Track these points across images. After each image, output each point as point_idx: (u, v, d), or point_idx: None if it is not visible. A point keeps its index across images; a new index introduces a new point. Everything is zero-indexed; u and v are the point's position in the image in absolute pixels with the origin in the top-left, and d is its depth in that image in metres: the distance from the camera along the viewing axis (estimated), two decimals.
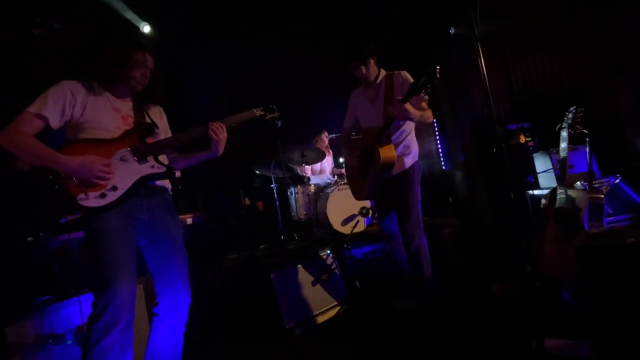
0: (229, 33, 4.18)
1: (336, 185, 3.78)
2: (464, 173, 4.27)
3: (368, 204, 3.53)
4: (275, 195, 4.00)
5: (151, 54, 1.54)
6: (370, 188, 2.20)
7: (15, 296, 1.82)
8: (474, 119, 4.06)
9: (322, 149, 4.30)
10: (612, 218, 2.36)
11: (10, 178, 2.06)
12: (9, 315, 1.65)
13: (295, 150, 3.85)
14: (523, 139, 3.33)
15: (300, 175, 4.35)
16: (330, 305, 2.45)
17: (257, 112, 1.78)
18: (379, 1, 4.01)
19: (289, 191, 4.09)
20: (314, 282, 2.47)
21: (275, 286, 2.27)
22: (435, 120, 4.82)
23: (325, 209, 3.58)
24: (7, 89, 1.28)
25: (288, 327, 2.18)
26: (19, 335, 1.60)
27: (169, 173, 1.52)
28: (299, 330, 2.21)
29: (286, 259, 2.59)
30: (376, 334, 2.10)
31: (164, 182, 1.60)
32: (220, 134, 1.60)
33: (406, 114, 1.87)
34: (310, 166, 4.40)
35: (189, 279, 1.57)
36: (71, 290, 1.86)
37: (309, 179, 4.13)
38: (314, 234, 3.77)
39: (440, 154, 4.88)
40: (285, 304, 2.25)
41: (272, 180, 4.02)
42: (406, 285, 2.30)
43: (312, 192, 3.94)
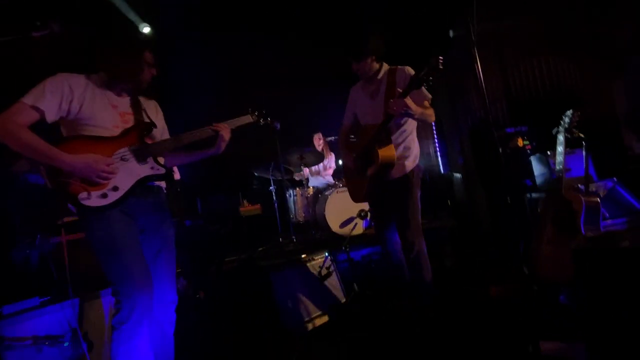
0: (227, 33, 4.19)
1: (335, 187, 3.79)
2: (462, 176, 4.29)
3: (367, 206, 3.53)
4: (274, 197, 4.01)
5: (153, 52, 1.53)
6: (368, 190, 2.12)
7: None
8: (473, 122, 4.08)
9: (319, 150, 4.32)
10: (609, 221, 2.37)
11: (4, 178, 2.06)
12: None
13: (294, 153, 3.86)
14: (521, 142, 3.35)
15: (297, 180, 4.36)
16: (328, 308, 2.45)
17: (252, 117, 1.85)
18: (378, 3, 4.03)
19: (287, 193, 4.10)
20: (313, 284, 2.47)
21: (274, 288, 2.27)
22: (434, 122, 4.83)
23: (324, 211, 3.59)
24: (7, 89, 1.27)
25: (287, 329, 2.18)
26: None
27: (167, 175, 1.52)
28: (297, 332, 2.21)
29: (285, 261, 2.59)
30: (375, 335, 2.10)
31: (160, 182, 1.61)
32: (226, 135, 1.66)
33: (406, 109, 1.77)
34: (308, 168, 4.42)
35: (189, 278, 1.58)
36: (68, 291, 1.86)
37: (307, 180, 4.14)
38: (313, 236, 3.78)
39: (439, 157, 4.89)
40: (284, 305, 2.25)
41: (271, 182, 4.02)
42: (404, 287, 2.26)
43: (311, 195, 3.95)
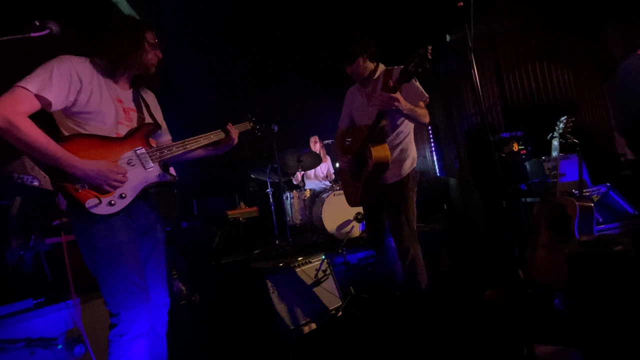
0: (226, 35, 4.20)
1: (332, 190, 3.79)
2: (458, 180, 4.32)
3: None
4: (271, 199, 4.01)
5: (156, 34, 1.44)
6: (363, 193, 2.08)
7: None
8: (469, 127, 4.12)
9: (317, 152, 4.33)
10: (602, 226, 2.40)
11: None
12: None
13: (292, 155, 3.87)
14: (516, 147, 3.39)
15: (295, 183, 4.36)
16: (324, 311, 2.45)
17: (249, 125, 1.87)
18: (375, 7, 4.07)
19: (284, 196, 4.10)
20: (309, 287, 2.47)
21: (270, 291, 2.26)
22: (430, 127, 4.87)
23: (321, 214, 3.59)
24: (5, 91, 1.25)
25: (282, 332, 2.17)
26: None
27: (173, 182, 1.47)
28: (293, 336, 2.20)
29: (281, 264, 2.58)
30: (371, 339, 2.10)
31: None
32: (235, 140, 1.67)
33: (394, 102, 1.70)
34: (303, 172, 4.42)
35: (185, 281, 1.56)
36: (62, 293, 1.84)
37: (304, 184, 4.15)
38: (309, 238, 3.77)
39: (435, 161, 4.93)
40: (279, 308, 2.24)
41: (268, 184, 4.02)
42: (401, 292, 2.24)
43: (308, 197, 3.95)
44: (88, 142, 1.27)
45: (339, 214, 3.60)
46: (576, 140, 2.15)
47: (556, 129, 2.17)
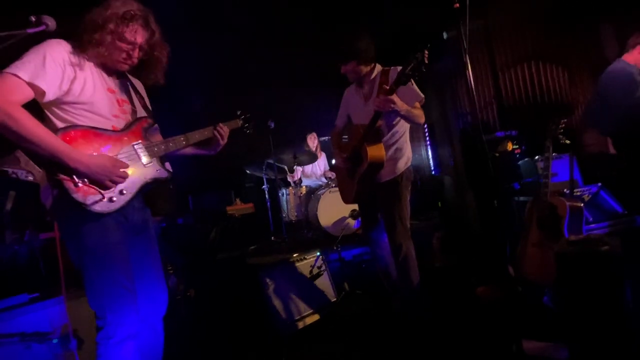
0: (221, 32, 4.18)
1: (327, 187, 3.81)
2: (452, 178, 4.35)
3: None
4: (267, 196, 4.01)
5: (144, 26, 1.30)
6: (358, 191, 2.12)
7: None
8: (464, 126, 4.15)
9: (313, 150, 4.33)
10: (592, 225, 2.44)
11: None
12: None
13: (288, 152, 3.87)
14: (510, 146, 3.42)
15: (289, 181, 4.37)
16: (319, 307, 2.47)
17: (239, 123, 1.81)
18: (371, 6, 4.06)
19: (280, 192, 4.11)
20: (304, 284, 2.49)
21: (265, 287, 2.28)
22: (426, 125, 4.90)
23: (316, 210, 3.61)
24: None
25: (276, 329, 2.19)
26: None
27: (170, 179, 1.41)
28: (287, 332, 2.23)
29: (276, 260, 2.60)
30: (364, 335, 2.13)
31: None
32: (225, 139, 1.62)
33: (390, 104, 1.74)
34: (301, 168, 4.43)
35: (180, 276, 1.55)
36: (57, 288, 1.84)
37: (300, 180, 4.16)
38: (305, 235, 3.79)
39: (430, 159, 4.96)
40: (274, 305, 2.26)
41: (264, 181, 4.03)
42: (393, 289, 2.28)
43: (304, 194, 3.96)
44: (86, 135, 1.19)
45: (334, 210, 3.62)
46: (568, 141, 2.18)
47: (549, 129, 2.20)
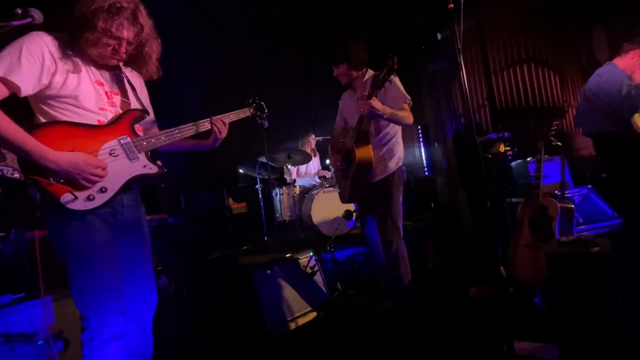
0: (220, 31, 4.15)
1: (321, 187, 3.80)
2: (445, 179, 4.38)
3: (352, 207, 3.57)
4: (260, 196, 3.99)
5: (131, 21, 1.21)
6: (351, 191, 2.21)
7: None
8: (457, 127, 4.17)
9: (309, 151, 4.32)
10: (583, 227, 2.47)
11: None
12: None
13: (282, 152, 3.86)
14: (502, 148, 3.45)
15: (285, 178, 4.35)
16: (311, 307, 2.46)
17: (250, 111, 1.69)
18: (367, 7, 4.07)
19: (273, 192, 4.09)
20: (296, 284, 2.48)
21: (257, 287, 2.26)
22: (420, 126, 4.92)
23: (310, 210, 3.60)
24: None
25: (268, 329, 2.18)
26: None
27: (160, 174, 1.34)
28: (279, 332, 2.21)
29: (268, 260, 2.58)
30: (356, 335, 2.12)
31: None
32: (224, 132, 1.51)
33: (372, 109, 1.87)
34: (295, 168, 4.42)
35: (171, 276, 1.51)
36: (43, 288, 1.80)
37: (294, 180, 4.15)
38: (298, 235, 3.78)
39: (424, 160, 4.98)
40: (266, 305, 2.24)
41: (257, 180, 4.00)
42: (386, 285, 2.35)
43: (297, 194, 3.95)
44: (65, 131, 1.15)
45: (328, 211, 3.62)
46: (560, 143, 2.21)
47: (540, 131, 2.22)
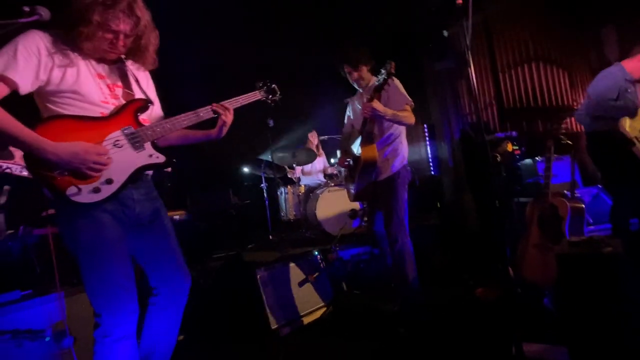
0: (222, 28, 4.15)
1: (326, 186, 3.79)
2: (452, 179, 4.34)
3: (357, 206, 3.55)
4: (265, 194, 3.99)
5: (127, 13, 1.21)
6: (357, 189, 2.25)
7: None
8: (464, 126, 4.13)
9: (312, 149, 4.31)
10: (593, 227, 2.43)
11: None
12: None
13: (287, 150, 3.85)
14: (510, 147, 3.41)
15: (290, 177, 4.35)
16: (316, 306, 2.46)
17: (260, 94, 1.64)
18: (372, 5, 4.04)
19: (278, 191, 4.09)
20: (301, 283, 2.47)
21: (262, 286, 2.26)
22: (426, 125, 4.89)
23: (315, 210, 3.59)
24: None
25: (274, 328, 2.17)
26: None
27: (168, 164, 1.31)
28: (284, 331, 2.21)
29: (273, 259, 2.58)
30: (362, 335, 2.11)
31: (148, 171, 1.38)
32: (229, 117, 1.45)
33: (374, 111, 2.00)
34: (301, 167, 4.41)
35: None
36: (50, 285, 1.81)
37: (299, 179, 4.14)
38: (303, 234, 3.77)
39: (430, 159, 4.94)
40: (271, 304, 2.24)
41: (262, 179, 4.00)
42: (396, 285, 2.31)
43: (302, 193, 3.94)
44: (68, 124, 1.16)
45: (333, 210, 3.61)
46: (570, 142, 2.17)
47: (549, 130, 2.19)
